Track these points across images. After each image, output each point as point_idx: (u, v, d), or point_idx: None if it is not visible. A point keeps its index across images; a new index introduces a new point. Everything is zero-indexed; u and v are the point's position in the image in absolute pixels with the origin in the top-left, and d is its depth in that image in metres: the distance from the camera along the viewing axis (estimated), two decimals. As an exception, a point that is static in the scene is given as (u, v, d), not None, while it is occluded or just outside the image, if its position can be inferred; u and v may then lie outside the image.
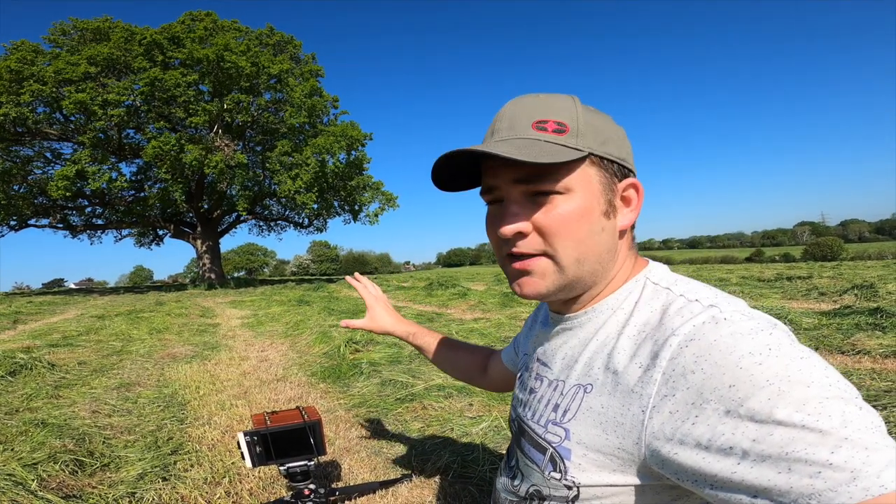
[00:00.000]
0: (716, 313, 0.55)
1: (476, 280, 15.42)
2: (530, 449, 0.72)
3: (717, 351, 0.51)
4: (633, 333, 0.62)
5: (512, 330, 5.47)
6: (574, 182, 0.62)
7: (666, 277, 0.68)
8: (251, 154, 21.84)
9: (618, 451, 0.59)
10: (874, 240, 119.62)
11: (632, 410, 0.57)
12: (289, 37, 22.99)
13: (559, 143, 0.62)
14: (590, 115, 0.65)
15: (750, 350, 0.50)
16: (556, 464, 0.66)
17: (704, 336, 0.53)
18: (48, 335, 6.49)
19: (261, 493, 1.89)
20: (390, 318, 1.31)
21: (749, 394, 0.47)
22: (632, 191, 0.67)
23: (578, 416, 0.64)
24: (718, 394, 0.49)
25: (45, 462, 2.08)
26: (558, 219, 0.62)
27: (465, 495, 1.82)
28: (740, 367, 0.49)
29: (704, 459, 0.49)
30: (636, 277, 0.69)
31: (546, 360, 0.76)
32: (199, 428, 2.61)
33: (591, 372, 0.65)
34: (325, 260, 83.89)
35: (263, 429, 1.41)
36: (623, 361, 0.60)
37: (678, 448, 0.52)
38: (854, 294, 6.76)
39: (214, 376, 3.90)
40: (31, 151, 19.67)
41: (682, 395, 0.52)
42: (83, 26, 19.56)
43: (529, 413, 0.75)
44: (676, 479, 0.54)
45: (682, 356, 0.53)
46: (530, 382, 0.79)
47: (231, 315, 8.95)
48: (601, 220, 0.64)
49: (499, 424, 2.41)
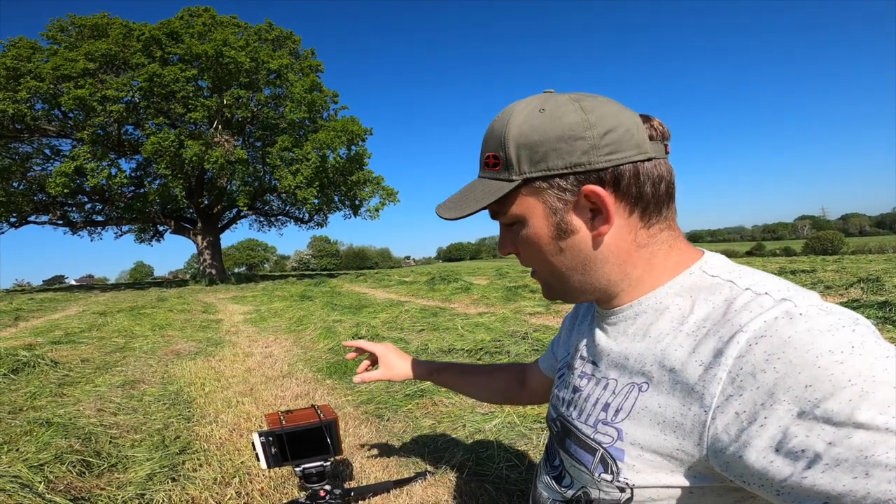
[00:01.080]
0: (790, 307, 0.51)
1: (478, 274, 15.39)
2: (577, 450, 0.68)
3: (791, 348, 0.47)
4: (691, 329, 0.58)
5: (517, 324, 5.43)
6: (520, 211, 0.64)
7: (726, 268, 0.63)
8: (251, 149, 21.76)
9: (676, 451, 0.56)
10: (874, 234, 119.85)
11: (693, 410, 0.54)
12: (288, 32, 22.86)
13: (497, 178, 0.64)
14: (527, 129, 0.60)
15: (830, 348, 0.46)
16: (607, 465, 0.62)
17: (778, 332, 0.49)
18: (50, 332, 6.46)
19: (272, 494, 1.85)
20: (405, 362, 1.26)
21: (828, 394, 0.44)
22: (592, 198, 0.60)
23: (633, 416, 0.61)
24: (792, 394, 0.46)
25: (51, 463, 2.04)
26: (522, 246, 0.68)
27: (482, 493, 1.78)
28: (818, 366, 0.45)
29: (773, 463, 0.47)
30: (689, 270, 0.63)
31: (593, 358, 0.72)
32: (206, 426, 2.58)
33: (646, 369, 0.61)
34: (325, 255, 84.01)
35: (279, 429, 1.37)
36: (681, 359, 0.56)
37: (745, 450, 0.49)
38: (860, 288, 6.72)
39: (219, 373, 3.87)
40: (29, 148, 19.61)
41: (751, 394, 0.49)
42: (81, 23, 19.44)
43: (575, 413, 0.71)
44: (742, 482, 0.51)
45: (752, 354, 0.50)
46: (574, 381, 0.75)
47: (233, 311, 8.92)
48: (556, 242, 0.64)
49: (512, 421, 2.37)
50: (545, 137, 0.60)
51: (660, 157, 0.62)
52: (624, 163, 0.60)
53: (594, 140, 0.59)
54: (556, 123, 0.60)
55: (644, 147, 0.60)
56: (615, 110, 0.61)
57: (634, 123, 0.61)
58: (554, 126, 0.60)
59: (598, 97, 0.63)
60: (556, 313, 6.21)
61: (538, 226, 0.64)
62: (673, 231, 0.66)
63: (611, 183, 0.60)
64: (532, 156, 0.61)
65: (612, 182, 0.60)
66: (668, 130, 0.64)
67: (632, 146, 0.60)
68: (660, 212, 0.63)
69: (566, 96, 0.62)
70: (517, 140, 0.61)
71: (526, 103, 0.64)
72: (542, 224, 0.64)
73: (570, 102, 0.61)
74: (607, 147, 0.59)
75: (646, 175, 0.61)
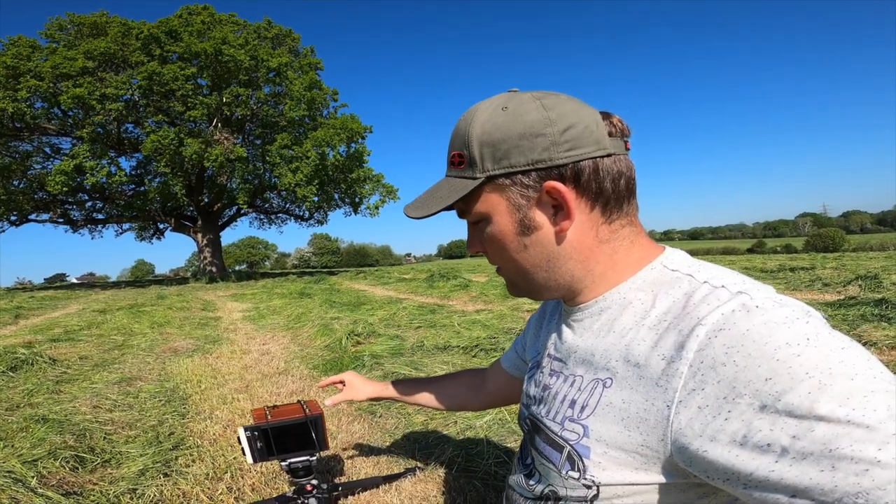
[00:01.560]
0: (746, 300, 0.52)
1: (477, 272, 15.39)
2: (546, 447, 0.69)
3: (750, 341, 0.48)
4: (653, 323, 0.58)
5: (515, 321, 5.44)
6: (484, 208, 0.65)
7: (685, 263, 0.63)
8: (251, 147, 21.77)
9: (641, 448, 0.56)
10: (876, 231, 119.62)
11: (656, 405, 0.54)
12: (287, 30, 22.85)
13: (461, 177, 0.65)
14: (490, 127, 0.62)
15: (787, 340, 0.47)
16: (573, 462, 0.63)
17: (735, 325, 0.50)
18: (49, 330, 6.48)
19: (263, 489, 1.86)
20: (367, 385, 1.41)
21: (788, 387, 0.44)
22: (553, 194, 0.61)
23: (598, 412, 0.61)
24: (753, 387, 0.46)
25: (45, 458, 2.06)
26: (487, 243, 0.69)
27: (470, 489, 1.80)
28: (777, 359, 0.46)
29: (738, 457, 0.47)
30: (651, 265, 0.65)
31: (560, 355, 0.73)
32: (200, 422, 2.59)
33: (610, 365, 0.61)
34: (326, 252, 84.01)
35: (264, 424, 1.39)
36: (644, 353, 0.57)
37: (709, 445, 0.49)
38: (858, 285, 6.70)
39: (216, 370, 3.88)
40: (29, 146, 19.62)
41: (713, 388, 0.49)
42: (80, 21, 19.45)
43: (544, 410, 0.72)
44: (706, 477, 0.51)
45: (711, 347, 0.50)
46: (544, 379, 0.75)
47: (232, 308, 8.94)
48: (520, 239, 0.65)
49: (503, 417, 2.39)
50: (507, 135, 0.61)
51: (619, 153, 0.63)
52: (583, 158, 0.60)
53: (554, 137, 0.60)
54: (518, 121, 0.61)
55: (603, 143, 0.61)
56: (575, 107, 0.62)
57: (594, 120, 0.62)
58: (516, 124, 0.61)
59: (560, 95, 0.64)
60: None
61: (502, 223, 0.65)
62: (634, 227, 0.67)
63: (571, 179, 0.61)
64: (495, 153, 0.62)
65: (573, 178, 0.61)
66: (628, 127, 0.65)
67: (591, 142, 0.61)
68: (620, 207, 0.64)
69: (529, 94, 0.63)
70: (480, 138, 0.62)
71: (489, 102, 0.64)
72: (506, 221, 0.65)
73: (532, 100, 0.62)
74: (567, 143, 0.60)
75: (605, 171, 0.61)
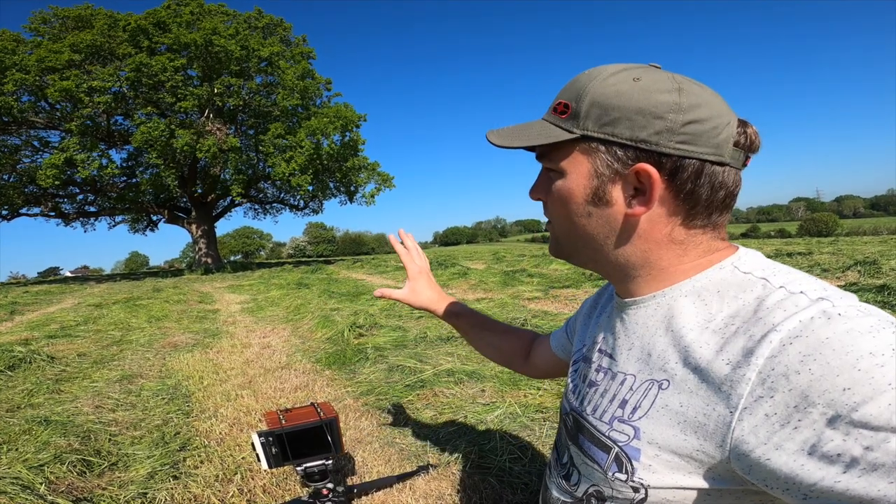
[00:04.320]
0: (827, 307, 0.49)
1: (475, 259, 15.37)
2: (590, 447, 0.67)
3: (829, 350, 0.46)
4: (719, 327, 0.55)
5: (516, 310, 5.42)
6: (566, 164, 0.63)
7: (759, 265, 0.60)
8: (244, 137, 21.54)
9: (696, 452, 0.54)
10: (869, 215, 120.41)
11: (717, 410, 0.52)
12: (278, 19, 22.53)
13: (558, 125, 0.63)
14: (610, 92, 0.58)
15: (871, 350, 0.44)
16: (621, 464, 0.61)
17: (814, 333, 0.47)
18: (46, 326, 6.42)
19: (274, 490, 1.84)
20: (433, 293, 1.19)
21: (867, 398, 0.43)
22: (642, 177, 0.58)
23: (651, 414, 0.59)
24: (829, 397, 0.44)
25: (51, 463, 2.02)
26: (552, 196, 0.66)
27: (485, 487, 1.78)
28: (858, 369, 0.44)
29: (804, 467, 0.46)
30: (720, 264, 0.61)
31: (610, 351, 0.70)
32: (205, 421, 2.56)
33: (667, 366, 0.59)
34: (321, 241, 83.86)
35: (278, 429, 1.35)
36: (707, 357, 0.54)
37: (773, 453, 0.47)
38: (858, 271, 6.72)
39: (217, 365, 3.85)
40: (18, 140, 19.31)
41: (783, 396, 0.47)
42: (64, 14, 19.09)
43: (589, 408, 0.69)
44: (764, 485, 0.50)
45: (785, 354, 0.48)
46: (590, 374, 0.73)
47: (230, 300, 8.88)
48: (585, 206, 0.63)
49: (514, 412, 2.37)
50: (625, 104, 0.57)
51: (734, 165, 0.59)
52: (692, 157, 0.56)
53: (674, 124, 0.56)
54: (644, 96, 0.57)
55: (722, 150, 0.57)
56: (714, 103, 0.58)
57: (726, 123, 0.57)
58: (640, 98, 0.57)
59: (705, 87, 0.59)
60: (555, 298, 6.21)
61: (576, 183, 0.62)
62: (717, 234, 0.63)
63: (668, 170, 0.57)
64: (602, 117, 0.58)
65: (670, 170, 0.57)
66: (760, 142, 0.61)
67: (710, 144, 0.56)
68: (708, 216, 0.60)
69: (669, 75, 0.59)
70: (595, 98, 0.59)
71: (622, 68, 0.60)
72: (580, 183, 0.62)
73: (669, 81, 0.57)
74: (684, 136, 0.56)
75: (708, 177, 0.58)
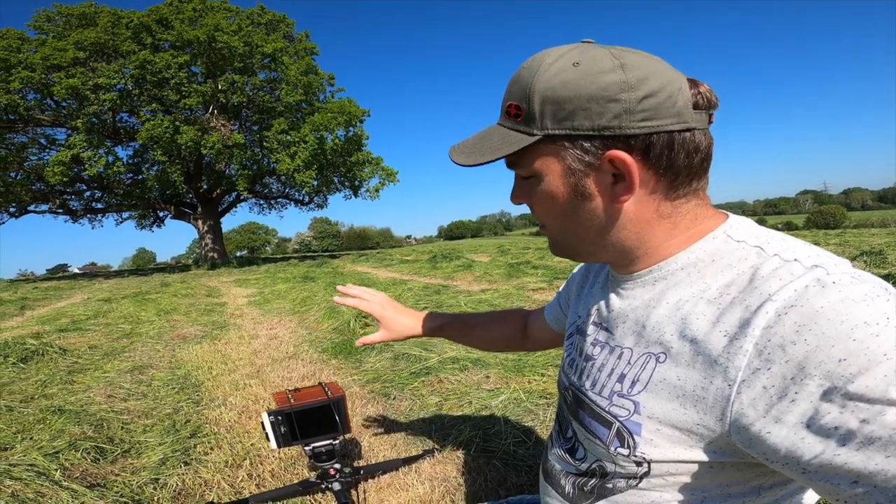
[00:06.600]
0: (821, 275, 0.48)
1: (479, 252, 15.38)
2: (591, 422, 0.66)
3: (824, 319, 0.45)
4: (714, 297, 0.55)
5: (520, 300, 5.45)
6: (538, 167, 0.61)
7: (753, 233, 0.59)
8: (248, 133, 21.58)
9: (696, 426, 0.54)
10: (877, 208, 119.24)
11: (715, 384, 0.51)
12: (281, 15, 22.52)
13: (516, 130, 0.60)
14: (556, 84, 0.55)
15: (866, 319, 0.43)
16: (623, 439, 0.61)
17: (809, 302, 0.46)
18: (57, 320, 6.49)
19: (283, 474, 1.88)
20: (407, 320, 1.20)
21: (863, 369, 0.42)
22: (617, 163, 0.56)
23: (650, 388, 0.58)
24: (825, 368, 0.44)
25: (66, 450, 2.07)
26: (535, 201, 0.65)
27: (490, 469, 1.81)
28: (854, 339, 0.43)
29: (804, 440, 0.45)
30: (713, 234, 0.60)
31: (607, 324, 0.69)
32: (215, 409, 2.61)
33: (664, 339, 0.58)
34: (326, 236, 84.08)
35: (287, 407, 1.38)
36: (703, 329, 0.54)
37: (772, 426, 0.47)
38: (863, 261, 6.67)
39: (226, 356, 3.90)
40: (25, 138, 19.46)
41: (780, 368, 0.46)
42: (68, 12, 19.15)
43: (588, 383, 0.69)
44: (764, 458, 0.50)
45: (781, 325, 0.47)
46: (586, 348, 0.72)
47: (237, 294, 8.95)
48: (570, 202, 0.61)
49: (518, 397, 2.40)
50: (575, 95, 0.54)
51: (701, 127, 0.56)
52: (658, 131, 0.54)
53: (630, 104, 0.53)
54: (591, 81, 0.54)
55: (685, 116, 0.55)
56: (659, 71, 0.55)
57: (679, 89, 0.55)
58: (587, 84, 0.54)
59: (644, 54, 0.57)
60: (559, 289, 6.22)
61: (554, 184, 0.60)
62: (701, 200, 0.61)
63: (640, 150, 0.55)
64: (557, 112, 0.56)
65: (642, 150, 0.55)
66: (717, 98, 0.58)
67: (671, 114, 0.54)
68: (689, 183, 0.59)
69: (606, 51, 0.56)
70: (543, 94, 0.56)
71: (559, 53, 0.57)
72: (558, 183, 0.60)
73: (611, 59, 0.55)
74: (643, 113, 0.54)
75: (680, 146, 0.55)
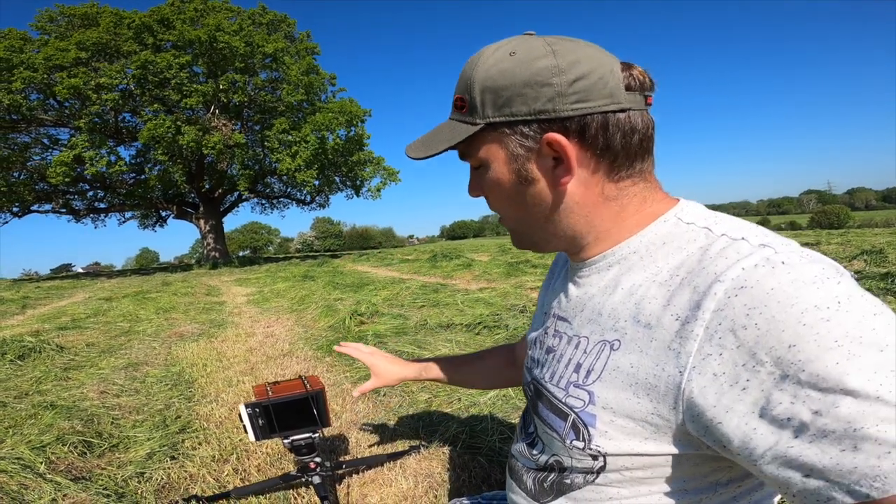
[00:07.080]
0: (770, 254, 0.47)
1: (480, 251, 15.35)
2: (549, 415, 0.65)
3: (774, 302, 0.43)
4: (664, 279, 0.54)
5: (518, 298, 5.44)
6: (484, 155, 0.63)
7: (702, 216, 0.59)
8: (250, 133, 21.64)
9: (651, 416, 0.53)
10: (881, 208, 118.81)
11: (667, 370, 0.50)
12: (282, 15, 22.57)
13: (463, 121, 0.63)
14: (494, 73, 0.58)
15: (816, 303, 0.42)
16: (578, 431, 0.60)
17: (759, 283, 0.45)
18: (56, 318, 6.52)
19: (268, 469, 1.88)
20: (396, 366, 1.26)
21: (814, 356, 0.41)
22: (554, 146, 0.57)
23: (604, 377, 0.57)
24: (775, 354, 0.43)
25: (53, 444, 2.08)
26: (486, 190, 0.67)
27: (475, 466, 1.80)
28: (803, 324, 0.42)
29: (756, 431, 0.44)
30: (664, 217, 0.60)
31: (565, 315, 0.69)
32: (206, 405, 2.61)
33: (618, 325, 0.57)
34: (328, 236, 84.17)
35: (265, 400, 1.38)
36: (655, 312, 0.53)
37: (724, 416, 0.46)
38: (864, 260, 6.65)
39: (221, 353, 3.91)
40: (27, 138, 19.55)
41: (730, 354, 0.45)
42: (70, 12, 19.23)
43: (547, 374, 0.68)
44: (720, 448, 0.49)
45: (731, 307, 0.46)
46: (548, 341, 0.71)
47: (237, 293, 8.97)
48: (516, 188, 0.63)
49: (507, 394, 2.39)
50: (511, 82, 0.57)
51: (636, 108, 0.58)
52: (592, 112, 0.56)
53: (561, 87, 0.55)
54: (524, 68, 0.57)
55: (617, 97, 0.56)
56: (590, 56, 0.57)
57: (610, 71, 0.57)
58: (521, 70, 0.57)
59: (577, 41, 0.59)
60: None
61: (500, 171, 0.62)
62: (648, 183, 0.62)
63: (576, 132, 0.57)
64: (496, 100, 0.58)
65: (578, 132, 0.57)
66: (651, 80, 0.60)
67: (603, 95, 0.56)
68: (631, 164, 0.60)
69: (541, 40, 0.58)
70: (483, 83, 0.59)
71: (497, 46, 0.60)
72: (503, 170, 0.62)
73: (543, 46, 0.57)
74: (575, 95, 0.56)
75: (616, 126, 0.57)
